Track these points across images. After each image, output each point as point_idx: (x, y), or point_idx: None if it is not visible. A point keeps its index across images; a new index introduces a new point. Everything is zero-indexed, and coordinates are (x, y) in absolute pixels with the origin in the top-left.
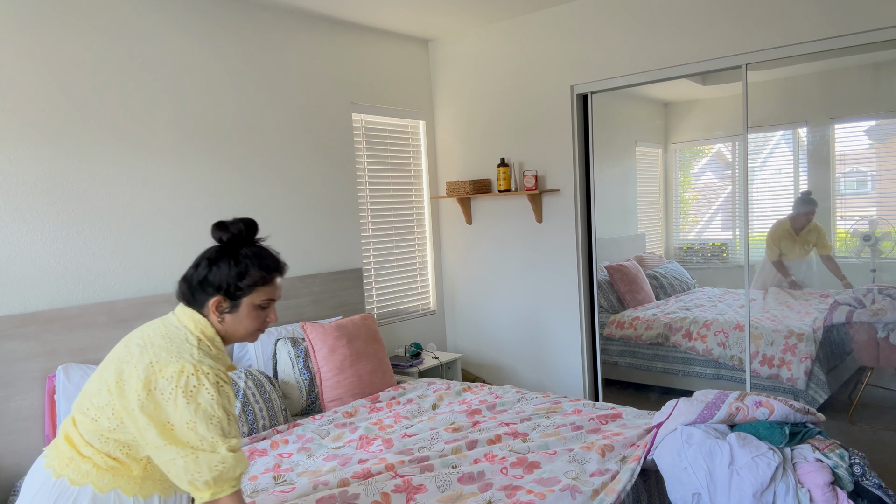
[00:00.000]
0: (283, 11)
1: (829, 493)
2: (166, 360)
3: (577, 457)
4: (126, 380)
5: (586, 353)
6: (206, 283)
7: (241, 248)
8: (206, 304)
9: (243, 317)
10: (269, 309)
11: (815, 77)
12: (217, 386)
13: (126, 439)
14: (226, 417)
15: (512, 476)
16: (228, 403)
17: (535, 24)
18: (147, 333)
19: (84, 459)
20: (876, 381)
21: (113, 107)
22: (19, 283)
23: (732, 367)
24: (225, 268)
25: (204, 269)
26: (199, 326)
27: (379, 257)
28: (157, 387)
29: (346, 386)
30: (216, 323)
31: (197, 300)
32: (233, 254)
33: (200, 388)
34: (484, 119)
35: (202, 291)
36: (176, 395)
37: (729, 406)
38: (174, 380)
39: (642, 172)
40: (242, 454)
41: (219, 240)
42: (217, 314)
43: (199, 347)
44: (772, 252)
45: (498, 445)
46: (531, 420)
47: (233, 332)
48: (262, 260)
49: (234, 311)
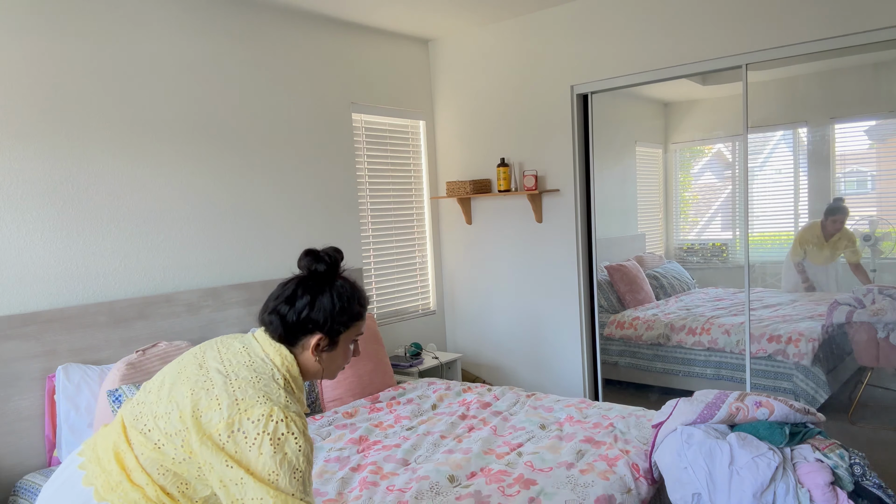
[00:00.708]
0: (283, 11)
1: (829, 493)
2: (253, 398)
3: (577, 480)
4: (204, 412)
5: (586, 353)
6: (307, 321)
7: (335, 280)
8: (301, 341)
9: (339, 354)
10: (356, 343)
11: (815, 77)
12: (304, 435)
13: (188, 476)
14: (308, 472)
15: (508, 496)
16: (311, 453)
17: (535, 24)
18: (228, 359)
19: (134, 488)
20: (876, 381)
21: (113, 107)
22: (19, 283)
23: (739, 353)
24: (328, 303)
25: (304, 305)
26: (286, 364)
27: (379, 257)
28: (241, 428)
29: (346, 386)
30: (310, 362)
31: (293, 337)
32: (331, 287)
33: (289, 437)
34: (484, 119)
35: (301, 329)
36: (262, 441)
37: (729, 406)
38: (261, 423)
39: (642, 172)
40: None
41: (307, 269)
42: (315, 353)
43: (285, 388)
44: (796, 253)
45: (493, 457)
46: (526, 429)
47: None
48: (359, 292)
49: (331, 350)
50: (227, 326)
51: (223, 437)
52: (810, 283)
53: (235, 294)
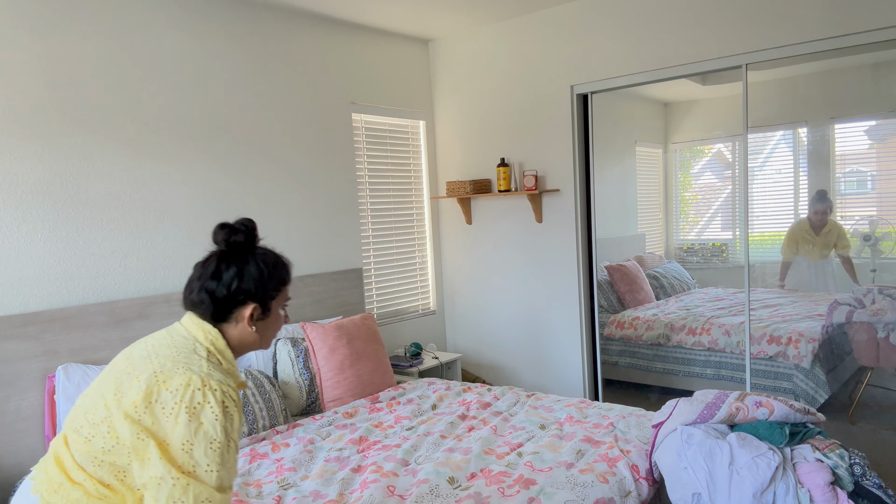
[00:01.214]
0: (284, 11)
1: (829, 493)
2: (172, 370)
3: (576, 480)
4: (125, 391)
5: (586, 353)
6: (238, 293)
7: (255, 248)
8: (234, 314)
9: (272, 322)
10: (285, 309)
11: (815, 77)
12: (223, 406)
13: (121, 463)
14: (226, 444)
15: (508, 496)
16: (232, 428)
17: (535, 24)
18: (151, 344)
19: (74, 486)
20: (876, 381)
21: (113, 106)
22: (19, 283)
23: (739, 353)
24: (256, 271)
25: (232, 277)
26: (210, 337)
27: (379, 257)
28: (159, 399)
29: (346, 386)
30: (246, 333)
31: (226, 311)
32: (254, 256)
33: (206, 406)
34: (484, 119)
35: (233, 301)
36: (178, 410)
37: (729, 406)
38: (179, 392)
39: (642, 172)
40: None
41: (233, 243)
42: (251, 324)
43: (208, 360)
44: (787, 251)
45: (493, 457)
46: (526, 429)
47: (263, 340)
48: (281, 258)
49: (265, 318)
50: None
51: (140, 409)
52: (783, 284)
53: None
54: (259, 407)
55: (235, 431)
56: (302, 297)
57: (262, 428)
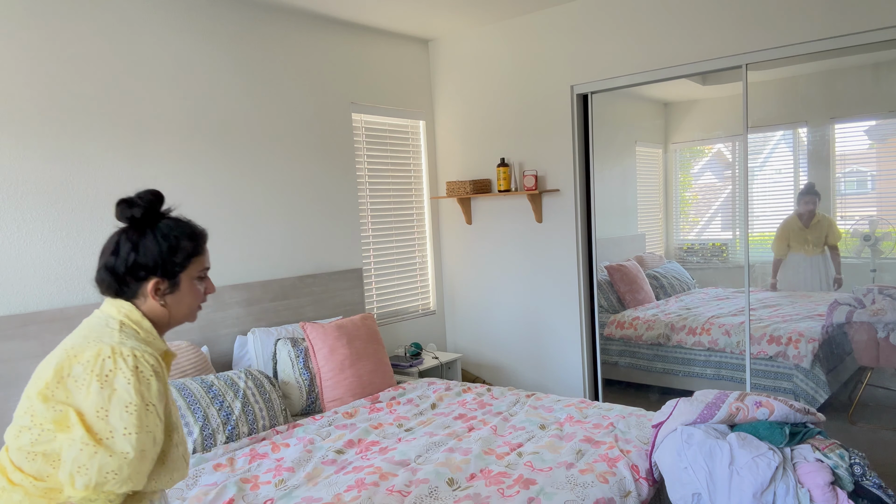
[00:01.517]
0: (284, 11)
1: (829, 494)
2: (83, 345)
3: (576, 480)
4: (40, 376)
5: (586, 353)
6: (136, 268)
7: (155, 222)
8: (140, 290)
9: (185, 295)
10: (206, 280)
11: (815, 77)
12: (136, 371)
13: (53, 448)
14: (143, 406)
15: (508, 497)
16: (150, 393)
17: (535, 24)
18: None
19: (15, 488)
20: (876, 381)
21: (113, 107)
22: (19, 283)
23: (739, 353)
24: (153, 245)
25: (128, 252)
26: (123, 311)
27: (379, 257)
28: (71, 374)
29: (346, 386)
30: (156, 308)
31: (129, 289)
32: (153, 229)
33: (117, 373)
34: (484, 119)
35: (133, 277)
36: (90, 380)
37: (729, 406)
38: (90, 364)
39: (642, 172)
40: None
41: (130, 218)
42: (158, 298)
43: (121, 331)
44: (778, 249)
45: (493, 457)
46: (526, 429)
47: (176, 314)
48: (186, 228)
49: (174, 291)
50: (226, 326)
51: (52, 387)
52: (776, 282)
53: (235, 294)
54: (259, 407)
55: (154, 397)
56: (302, 297)
57: (261, 428)
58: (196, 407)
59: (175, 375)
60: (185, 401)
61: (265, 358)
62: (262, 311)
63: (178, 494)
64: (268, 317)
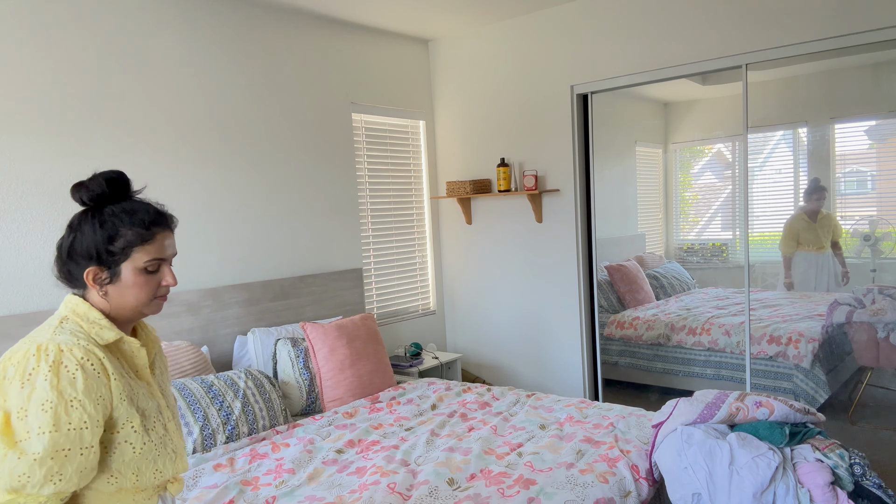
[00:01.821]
0: (284, 11)
1: (829, 494)
2: (19, 346)
3: (576, 480)
4: None
5: (586, 353)
6: (73, 254)
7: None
8: (81, 278)
9: (129, 285)
10: (162, 271)
11: (815, 77)
12: (56, 366)
13: None
14: (61, 403)
15: (508, 497)
16: (73, 388)
17: (535, 24)
18: None
19: None
20: (876, 381)
21: (113, 107)
22: (19, 283)
23: (739, 353)
24: (90, 231)
25: (68, 237)
26: (70, 305)
27: (379, 257)
28: (6, 375)
29: (346, 386)
30: (96, 298)
31: (73, 276)
32: (95, 215)
33: (38, 371)
34: (484, 119)
35: (73, 263)
36: (15, 381)
37: (729, 406)
38: (20, 364)
39: (642, 172)
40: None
41: (80, 202)
42: (97, 287)
43: (59, 326)
44: (786, 246)
45: (493, 457)
46: (526, 429)
47: (121, 306)
48: (133, 215)
49: (115, 281)
50: (227, 326)
51: None
52: (790, 281)
53: (235, 294)
54: (259, 407)
55: (81, 392)
56: (302, 297)
57: (262, 428)
58: (196, 407)
59: (175, 375)
60: (185, 401)
61: (265, 358)
62: (262, 310)
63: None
64: (268, 317)
